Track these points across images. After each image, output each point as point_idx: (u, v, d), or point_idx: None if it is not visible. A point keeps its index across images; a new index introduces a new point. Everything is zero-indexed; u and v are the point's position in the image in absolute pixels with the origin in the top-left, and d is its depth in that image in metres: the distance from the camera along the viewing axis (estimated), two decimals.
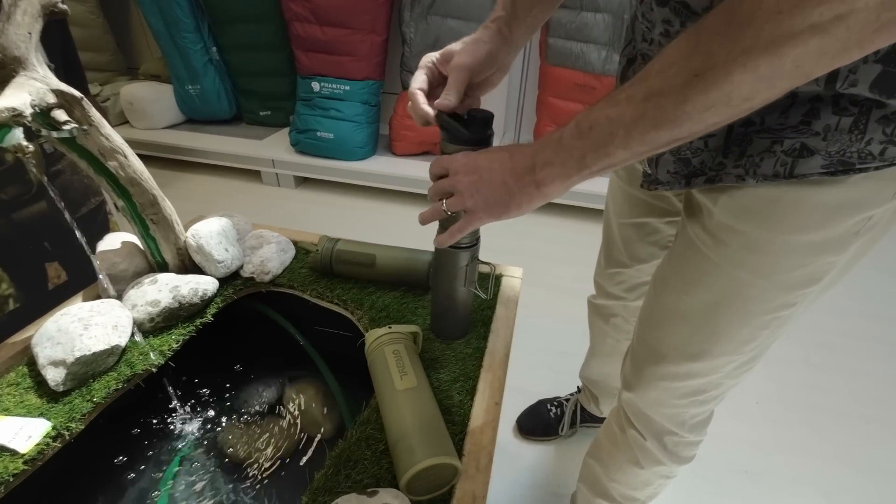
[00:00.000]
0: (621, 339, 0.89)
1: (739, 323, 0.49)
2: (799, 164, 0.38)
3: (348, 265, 0.78)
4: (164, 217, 0.71)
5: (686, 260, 0.51)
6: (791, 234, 0.42)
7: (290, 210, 2.08)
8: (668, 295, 0.55)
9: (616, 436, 0.70)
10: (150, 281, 0.71)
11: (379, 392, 0.56)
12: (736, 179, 0.42)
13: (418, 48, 1.97)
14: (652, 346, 0.58)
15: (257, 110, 2.42)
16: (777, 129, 0.38)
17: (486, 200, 0.45)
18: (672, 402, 0.60)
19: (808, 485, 1.09)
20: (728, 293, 0.48)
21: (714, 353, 0.52)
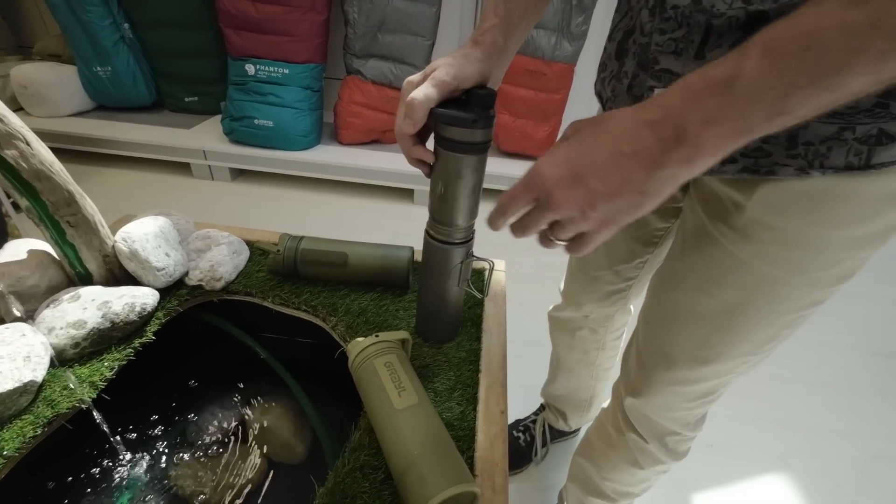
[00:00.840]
0: (589, 349, 0.86)
1: (764, 323, 0.46)
2: (876, 152, 0.34)
3: (316, 266, 0.69)
4: (84, 218, 0.58)
5: (707, 257, 0.46)
6: (835, 230, 0.39)
7: (227, 205, 1.90)
8: (683, 294, 0.50)
9: (611, 437, 0.67)
10: (70, 297, 0.58)
11: (373, 412, 0.48)
12: (797, 173, 0.36)
13: (363, 29, 1.86)
14: (663, 350, 0.54)
15: (182, 96, 2.18)
16: (847, 114, 0.33)
17: (609, 213, 0.34)
18: (681, 406, 0.58)
19: (766, 450, 1.15)
20: (756, 292, 0.44)
21: (731, 354, 0.49)
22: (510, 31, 0.46)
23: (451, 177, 0.50)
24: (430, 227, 0.56)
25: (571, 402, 0.97)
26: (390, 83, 1.96)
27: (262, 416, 0.71)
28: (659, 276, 0.55)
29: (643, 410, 0.60)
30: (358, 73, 1.94)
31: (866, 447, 1.17)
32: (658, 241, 0.65)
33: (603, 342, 0.84)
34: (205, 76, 2.13)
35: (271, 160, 1.97)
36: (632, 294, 0.74)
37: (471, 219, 0.54)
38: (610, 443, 0.68)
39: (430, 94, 0.43)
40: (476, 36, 0.46)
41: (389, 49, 1.91)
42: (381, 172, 1.96)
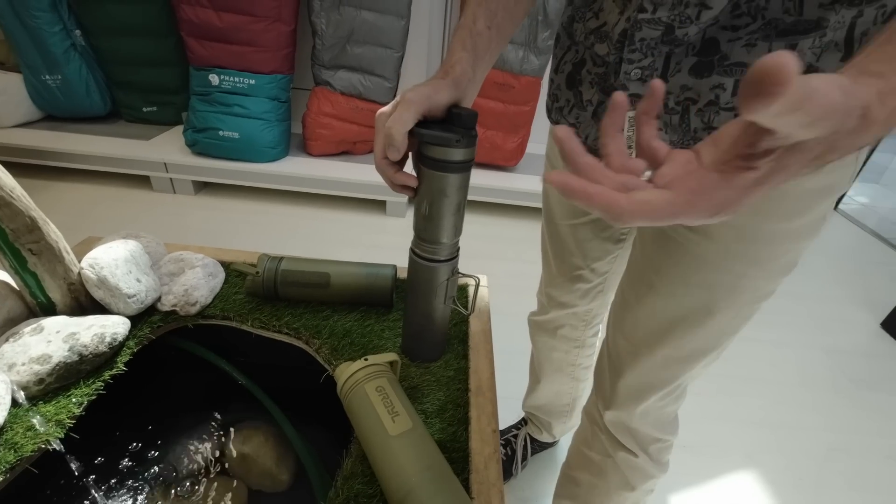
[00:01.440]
0: (570, 348, 0.88)
1: (731, 316, 0.50)
2: None
3: (297, 287, 0.67)
4: (47, 245, 0.54)
5: (672, 261, 0.50)
6: (780, 222, 0.44)
7: (190, 220, 1.83)
8: (655, 301, 0.53)
9: (599, 466, 0.68)
10: (31, 330, 0.54)
11: (366, 439, 0.47)
12: None
13: (331, 40, 1.84)
14: (640, 357, 0.56)
15: (139, 106, 2.10)
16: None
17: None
18: (655, 405, 0.60)
19: (735, 448, 1.20)
20: (722, 287, 0.48)
21: (704, 350, 0.53)
22: (478, 63, 0.48)
23: (436, 195, 0.50)
24: (415, 246, 0.56)
25: (554, 409, 0.98)
26: (360, 94, 1.95)
27: (242, 445, 0.68)
28: (627, 282, 0.58)
29: (627, 422, 0.62)
30: (327, 84, 1.92)
31: (824, 440, 1.24)
32: (625, 237, 0.70)
33: (583, 339, 0.86)
34: (164, 85, 2.05)
35: (238, 172, 1.91)
36: (607, 287, 0.78)
37: (455, 236, 0.55)
38: (598, 472, 0.68)
39: (406, 118, 0.43)
40: (446, 67, 0.47)
41: (359, 60, 1.90)
42: (352, 184, 1.94)
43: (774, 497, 1.09)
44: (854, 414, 1.33)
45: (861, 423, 1.31)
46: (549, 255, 0.78)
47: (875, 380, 1.46)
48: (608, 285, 0.77)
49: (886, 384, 1.45)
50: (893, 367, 1.52)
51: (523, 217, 2.09)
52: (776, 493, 1.10)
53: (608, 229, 0.68)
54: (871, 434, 1.28)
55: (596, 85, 0.50)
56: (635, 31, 0.41)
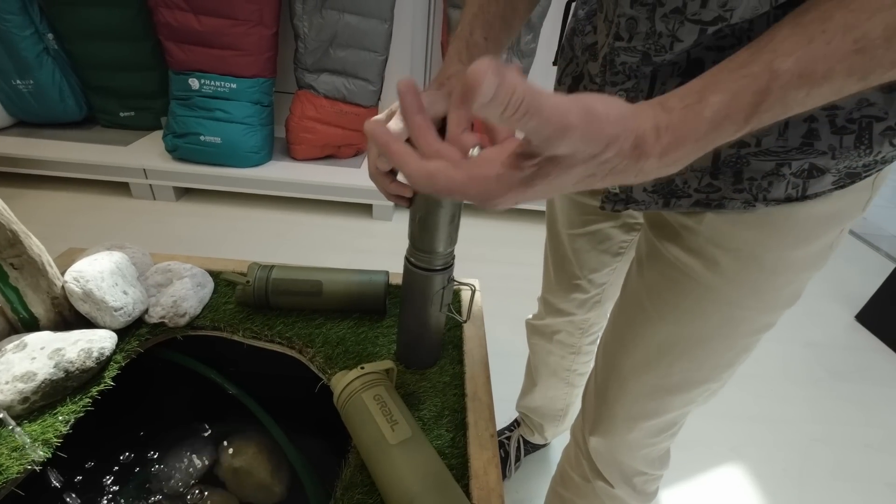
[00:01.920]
0: (566, 354, 0.88)
1: (725, 347, 0.48)
2: (811, 184, 0.37)
3: (289, 296, 0.67)
4: (29, 259, 0.53)
5: (667, 285, 0.48)
6: (782, 250, 0.41)
7: (173, 227, 1.79)
8: (645, 326, 0.51)
9: (579, 487, 0.66)
10: (14, 347, 0.52)
11: (366, 449, 0.47)
12: (744, 206, 0.39)
13: (314, 44, 1.83)
14: (626, 384, 0.54)
15: (116, 111, 2.04)
16: (780, 152, 0.36)
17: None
18: (645, 441, 0.58)
19: (720, 443, 1.22)
20: (717, 316, 0.46)
21: (695, 381, 0.51)
22: None
23: (432, 205, 0.51)
24: (410, 255, 0.56)
25: (548, 413, 0.99)
26: (343, 98, 1.93)
27: (234, 458, 0.67)
28: (619, 306, 0.56)
29: (611, 452, 0.60)
30: (310, 88, 1.90)
31: (805, 431, 1.28)
32: (623, 251, 0.69)
33: (579, 346, 0.86)
34: (142, 90, 2.01)
35: (220, 178, 1.88)
36: (605, 298, 0.77)
37: (450, 245, 0.55)
38: (578, 493, 0.67)
39: (400, 129, 0.43)
40: (441, 79, 0.47)
41: (342, 64, 1.89)
42: (337, 188, 1.93)
43: (760, 489, 1.12)
44: (833, 405, 1.37)
45: (840, 414, 1.35)
46: (549, 261, 0.78)
47: (851, 371, 1.50)
48: (606, 296, 0.77)
49: (862, 375, 1.50)
50: (868, 358, 1.57)
51: (511, 219, 2.10)
52: (762, 485, 1.13)
53: (606, 241, 0.67)
54: (850, 424, 1.32)
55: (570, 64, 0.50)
56: (615, 56, 0.40)
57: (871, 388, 1.45)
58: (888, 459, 1.23)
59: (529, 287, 1.29)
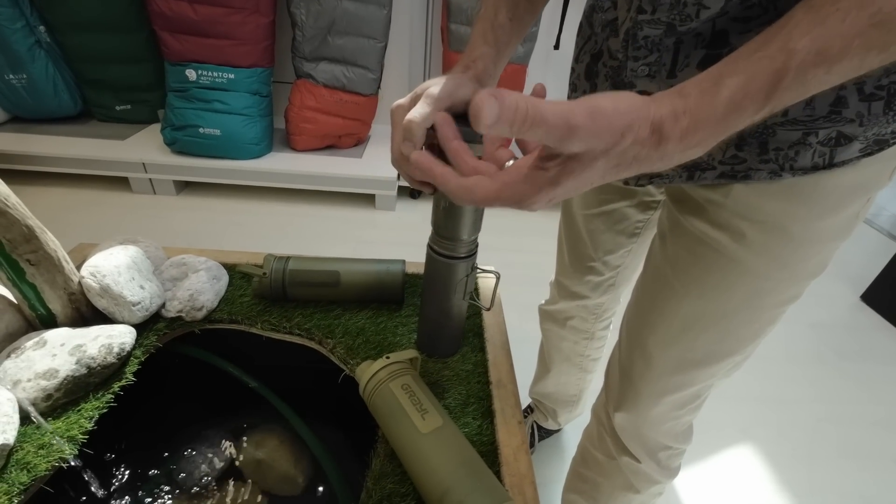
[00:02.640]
0: (579, 339, 0.88)
1: (751, 320, 0.48)
2: (837, 152, 0.37)
3: (306, 287, 0.66)
4: (46, 255, 0.52)
5: (693, 259, 0.48)
6: (810, 221, 0.41)
7: (174, 221, 1.77)
8: (670, 301, 0.51)
9: (602, 465, 0.67)
10: (34, 344, 0.52)
11: (397, 439, 0.47)
12: (770, 176, 0.39)
13: (311, 32, 1.79)
14: (651, 359, 0.54)
15: (112, 104, 2.01)
16: (807, 121, 0.36)
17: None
18: (671, 415, 0.58)
19: (729, 424, 1.23)
20: (743, 289, 0.46)
21: (720, 354, 0.51)
22: (499, 57, 0.47)
23: None
24: (433, 242, 0.56)
25: (561, 398, 0.99)
26: (343, 87, 1.91)
27: (256, 450, 0.67)
28: (643, 282, 0.56)
29: (635, 426, 0.60)
30: (309, 77, 1.87)
31: (813, 411, 1.29)
32: (639, 231, 0.68)
33: (592, 332, 0.86)
34: (138, 83, 1.97)
35: (221, 171, 1.86)
36: (619, 281, 0.77)
37: (475, 232, 0.54)
38: (601, 471, 0.68)
39: (426, 113, 0.42)
40: (467, 62, 0.46)
41: (341, 52, 1.86)
42: (339, 178, 1.91)
43: (771, 469, 1.13)
44: (839, 385, 1.39)
45: (846, 393, 1.36)
46: (563, 243, 0.78)
47: (857, 351, 1.52)
48: (620, 280, 0.76)
49: (867, 354, 1.51)
50: (873, 337, 1.59)
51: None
52: (772, 465, 1.14)
53: (622, 222, 0.67)
54: (857, 403, 1.33)
55: (609, 79, 0.49)
56: (637, 30, 0.39)
57: (877, 368, 1.46)
58: (895, 437, 1.24)
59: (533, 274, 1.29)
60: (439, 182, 0.32)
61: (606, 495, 0.69)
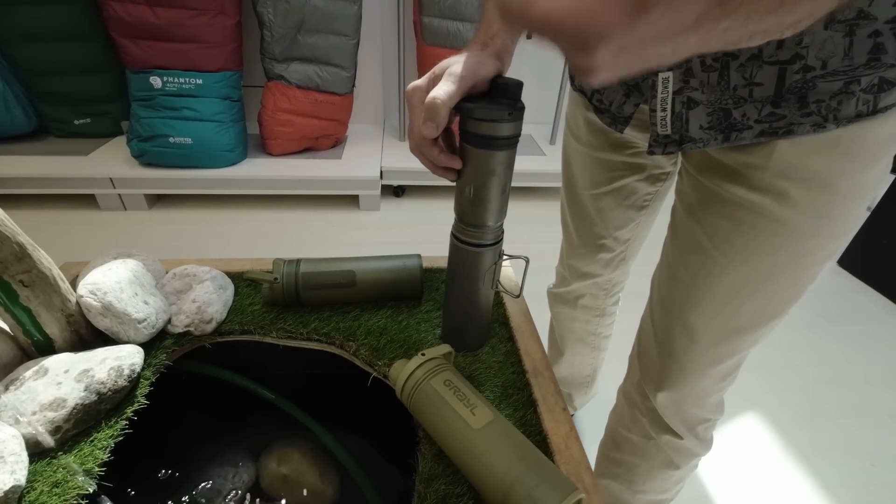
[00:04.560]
0: (591, 317, 0.88)
1: (794, 280, 0.47)
2: (881, 98, 0.37)
3: (321, 289, 0.63)
4: (40, 275, 0.47)
5: (734, 226, 0.47)
6: (853, 174, 0.41)
7: (149, 237, 1.69)
8: (712, 272, 0.50)
9: (638, 446, 0.67)
10: (34, 373, 0.47)
11: (447, 437, 0.45)
12: (814, 128, 0.39)
13: (280, 31, 1.74)
14: (695, 333, 0.53)
15: (70, 118, 1.90)
16: (847, 71, 0.36)
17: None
18: (715, 388, 0.58)
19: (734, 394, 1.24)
20: (789, 250, 0.45)
21: (764, 318, 0.51)
22: (516, 33, 0.45)
23: (484, 176, 0.48)
24: (457, 231, 0.53)
25: (575, 381, 0.99)
26: (317, 87, 1.86)
27: (279, 466, 0.63)
28: (674, 258, 0.55)
29: (678, 404, 0.59)
30: (280, 79, 1.81)
31: (809, 375, 1.33)
32: (648, 203, 0.69)
33: (603, 308, 0.86)
34: (97, 94, 1.87)
35: (195, 181, 1.78)
36: (629, 255, 0.78)
37: (501, 217, 0.52)
38: (637, 452, 0.67)
39: (451, 91, 0.40)
40: (484, 39, 0.44)
41: (312, 50, 1.80)
42: (320, 181, 1.86)
43: (777, 434, 1.16)
44: (830, 347, 1.44)
45: (836, 355, 1.41)
46: (569, 226, 0.77)
47: (841, 313, 1.58)
48: (630, 253, 0.77)
49: (851, 316, 1.57)
50: (855, 300, 1.65)
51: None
52: (778, 429, 1.17)
53: (631, 196, 0.67)
54: (848, 363, 1.39)
55: None
56: None
57: (862, 328, 1.52)
58: (887, 392, 1.30)
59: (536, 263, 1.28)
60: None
61: (644, 475, 0.69)
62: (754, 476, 1.07)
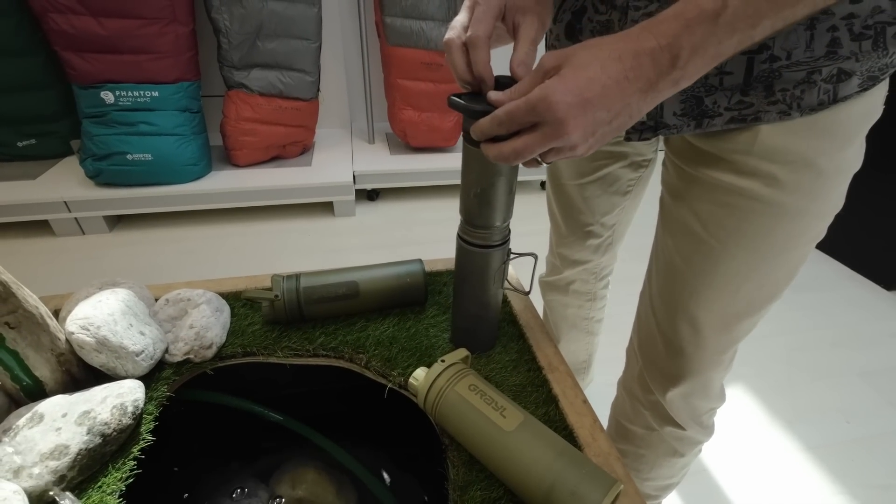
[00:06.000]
0: (583, 302, 0.90)
1: (787, 260, 0.49)
2: (840, 87, 0.39)
3: (324, 303, 0.61)
4: (27, 314, 0.43)
5: (727, 212, 0.47)
6: (834, 152, 0.43)
7: (112, 261, 1.60)
8: (708, 258, 0.50)
9: (642, 437, 0.68)
10: (27, 421, 0.43)
11: (477, 443, 0.44)
12: (780, 116, 0.41)
13: (238, 38, 1.67)
14: (698, 322, 0.54)
15: (12, 141, 1.77)
16: (809, 61, 0.39)
17: (603, 137, 0.36)
18: (717, 376, 0.59)
19: None
20: (781, 230, 0.47)
21: (761, 301, 0.52)
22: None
23: (491, 177, 0.48)
24: (463, 233, 0.53)
25: (572, 368, 1.00)
26: (280, 93, 1.80)
27: (294, 489, 0.61)
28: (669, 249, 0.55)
29: (687, 398, 0.60)
30: (242, 87, 1.75)
31: (782, 343, 1.40)
32: (631, 188, 0.71)
33: (594, 292, 0.88)
34: (41, 113, 1.74)
35: (158, 198, 1.70)
36: (615, 239, 0.80)
37: (508, 218, 0.52)
38: (642, 443, 0.68)
39: (486, 30, 0.40)
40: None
41: (273, 56, 1.75)
42: (292, 189, 1.81)
43: (760, 401, 1.22)
44: (798, 315, 1.52)
45: (804, 322, 1.50)
46: (556, 216, 0.78)
47: (804, 282, 1.66)
48: (616, 237, 0.79)
49: (813, 284, 1.67)
50: (814, 268, 1.75)
51: None
52: (760, 396, 1.23)
53: (615, 183, 0.69)
54: (815, 329, 1.47)
55: (598, 33, 0.48)
56: None
57: (825, 294, 1.62)
58: (853, 353, 1.38)
59: None
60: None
61: (650, 464, 0.70)
62: (745, 445, 1.12)
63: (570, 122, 0.34)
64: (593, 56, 0.34)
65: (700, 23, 0.31)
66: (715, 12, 0.31)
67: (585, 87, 0.33)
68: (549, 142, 0.36)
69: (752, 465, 1.08)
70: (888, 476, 1.05)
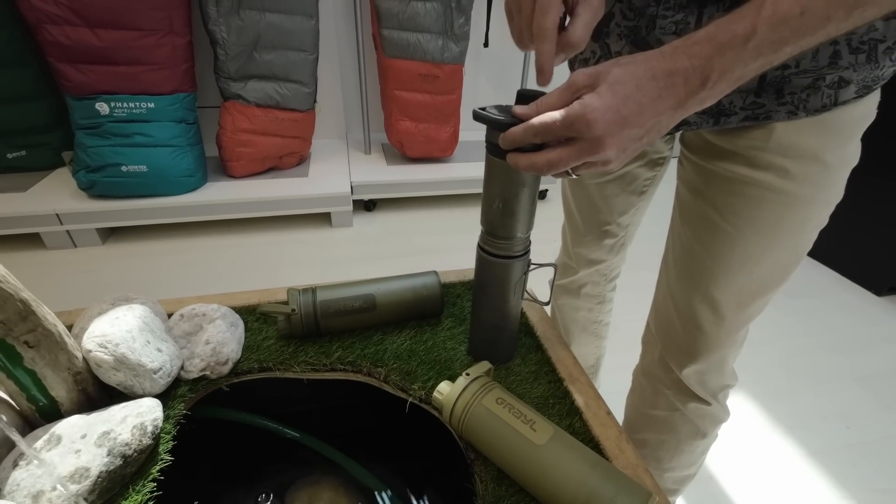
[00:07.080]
0: (593, 305, 0.91)
1: (795, 245, 0.53)
2: (840, 93, 0.44)
3: (341, 316, 0.60)
4: (46, 332, 0.42)
5: (744, 201, 0.52)
6: (838, 148, 0.48)
7: (105, 274, 1.57)
8: (725, 244, 0.54)
9: (666, 421, 0.69)
10: (45, 443, 0.42)
11: (507, 458, 0.44)
12: (788, 116, 0.46)
13: (235, 49, 1.67)
14: (717, 302, 0.58)
15: (2, 152, 1.74)
16: (814, 69, 0.43)
17: (633, 152, 0.38)
18: (732, 355, 0.63)
19: None
20: (791, 217, 0.51)
21: (772, 283, 0.56)
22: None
23: (515, 187, 0.48)
24: (484, 244, 0.53)
25: None
26: (277, 104, 1.80)
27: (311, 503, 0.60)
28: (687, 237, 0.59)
29: (702, 374, 0.63)
30: (238, 98, 1.74)
31: (781, 349, 1.42)
32: (647, 188, 0.74)
33: (603, 294, 0.90)
34: (32, 124, 1.72)
35: (153, 210, 1.67)
36: (627, 239, 0.83)
37: (530, 229, 0.52)
38: (665, 428, 0.70)
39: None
40: None
41: (270, 67, 1.75)
42: (289, 200, 1.80)
43: (762, 407, 1.23)
44: (794, 321, 1.54)
45: (801, 327, 1.52)
46: (574, 215, 0.80)
47: (797, 288, 1.70)
48: (629, 237, 0.82)
49: (806, 290, 1.70)
50: (806, 275, 1.78)
51: (467, 205, 2.10)
52: (760, 403, 1.24)
53: (633, 182, 0.71)
54: (812, 334, 1.49)
55: (625, 37, 0.52)
56: None
57: (817, 300, 1.65)
58: (848, 358, 1.41)
59: None
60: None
61: (672, 451, 0.72)
62: (747, 451, 1.12)
63: (607, 139, 0.35)
64: (629, 74, 0.35)
65: (732, 47, 0.33)
66: (745, 37, 0.33)
67: (622, 105, 0.34)
68: (584, 156, 0.37)
69: (756, 472, 1.08)
70: (890, 480, 1.07)
